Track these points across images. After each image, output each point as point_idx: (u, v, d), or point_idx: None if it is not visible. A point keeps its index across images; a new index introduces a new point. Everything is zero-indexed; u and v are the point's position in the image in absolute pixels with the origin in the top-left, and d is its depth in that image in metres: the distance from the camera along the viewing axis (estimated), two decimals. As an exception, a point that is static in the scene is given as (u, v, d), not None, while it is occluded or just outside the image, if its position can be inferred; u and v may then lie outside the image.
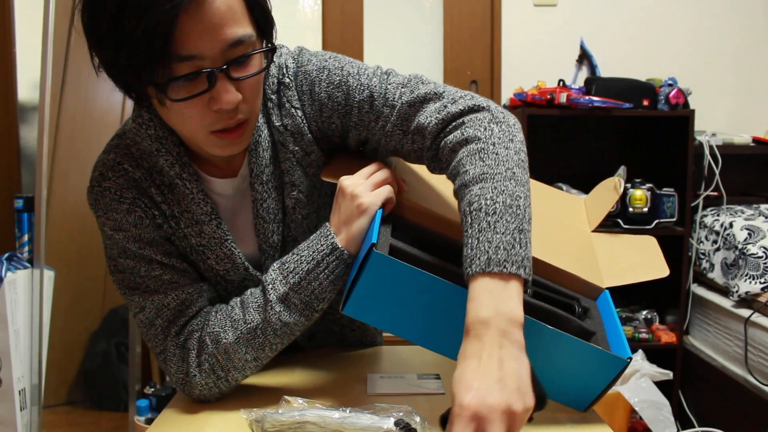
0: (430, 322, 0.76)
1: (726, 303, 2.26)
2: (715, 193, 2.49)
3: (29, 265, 1.94)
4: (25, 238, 2.00)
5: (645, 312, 2.53)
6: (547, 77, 2.63)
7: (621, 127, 2.69)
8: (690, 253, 2.44)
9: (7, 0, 2.47)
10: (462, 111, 0.82)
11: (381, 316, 0.77)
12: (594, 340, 0.81)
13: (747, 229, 2.26)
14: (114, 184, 0.85)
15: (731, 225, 2.32)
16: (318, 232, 0.84)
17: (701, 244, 2.45)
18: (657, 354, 2.35)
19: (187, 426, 0.83)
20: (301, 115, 0.87)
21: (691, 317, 2.48)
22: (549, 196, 1.15)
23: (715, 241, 2.37)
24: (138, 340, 2.06)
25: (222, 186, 0.90)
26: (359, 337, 1.13)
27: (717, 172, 2.46)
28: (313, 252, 0.82)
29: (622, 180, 1.12)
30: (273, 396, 0.83)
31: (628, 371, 2.14)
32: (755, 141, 2.56)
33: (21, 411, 1.89)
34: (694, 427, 2.35)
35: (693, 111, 2.38)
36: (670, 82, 2.47)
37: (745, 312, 2.12)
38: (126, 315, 2.43)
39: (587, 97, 2.34)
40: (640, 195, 2.32)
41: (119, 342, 2.54)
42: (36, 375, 1.92)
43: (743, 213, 2.37)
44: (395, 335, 0.78)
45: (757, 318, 2.06)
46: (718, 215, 2.43)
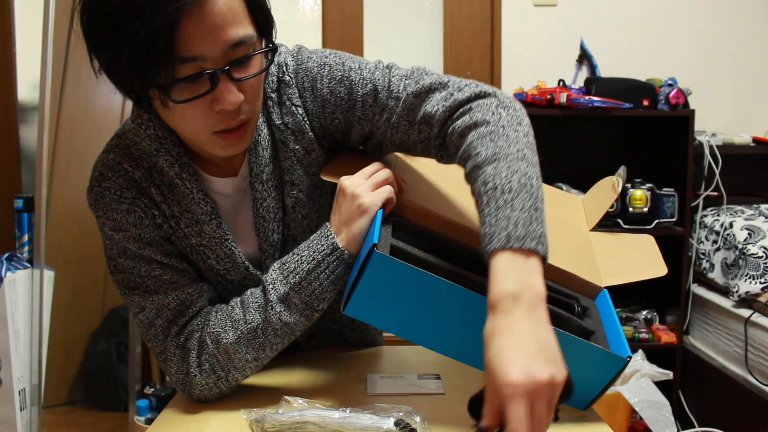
0: (430, 321, 0.76)
1: (726, 303, 2.26)
2: (715, 193, 2.48)
3: (29, 265, 1.94)
4: (25, 238, 2.00)
5: (645, 312, 2.53)
6: (547, 77, 2.63)
7: (621, 127, 2.69)
8: (690, 253, 2.44)
9: (7, 0, 2.47)
10: (469, 97, 0.83)
11: (382, 316, 0.77)
12: (593, 339, 0.81)
13: (747, 229, 2.26)
14: (114, 184, 0.85)
15: (731, 225, 2.32)
16: (318, 232, 0.84)
17: (701, 244, 2.45)
18: (657, 354, 2.34)
19: (187, 426, 0.83)
20: (302, 113, 0.87)
21: (691, 317, 2.47)
22: (547, 195, 1.14)
23: (715, 241, 2.37)
24: (138, 340, 2.06)
25: (222, 185, 0.90)
26: (359, 337, 1.13)
27: (717, 172, 2.46)
28: (314, 252, 0.82)
29: (620, 179, 1.12)
30: (273, 396, 0.83)
31: (628, 371, 2.14)
32: (755, 141, 2.55)
33: (21, 411, 1.89)
34: (694, 427, 2.35)
35: (693, 111, 2.38)
36: (670, 82, 2.47)
37: (745, 312, 2.12)
38: (126, 315, 2.43)
39: (587, 97, 2.34)
40: (640, 195, 2.32)
41: (119, 342, 2.54)
42: (36, 375, 1.92)
43: (743, 213, 2.37)
44: (396, 335, 0.78)
45: (757, 318, 2.06)
46: (718, 215, 2.43)
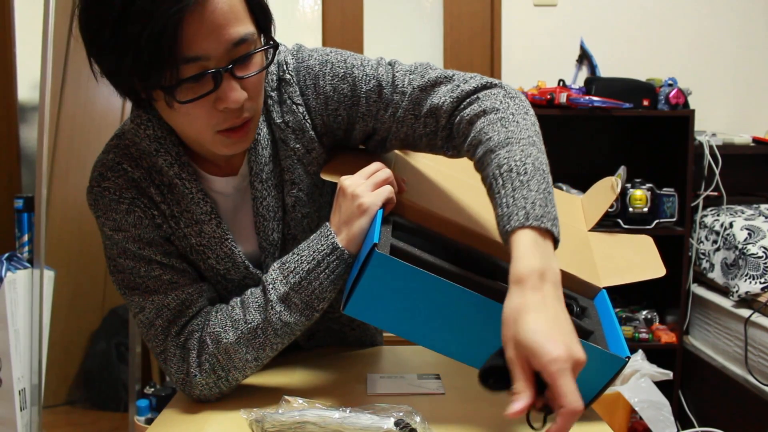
0: (430, 321, 0.76)
1: (726, 303, 2.26)
2: (715, 193, 2.48)
3: (29, 265, 1.94)
4: (25, 238, 2.00)
5: (645, 312, 2.53)
6: (547, 77, 2.63)
7: (621, 127, 2.69)
8: (690, 253, 2.44)
9: (7, 0, 2.47)
10: (476, 88, 0.84)
11: (382, 315, 0.77)
12: (592, 339, 0.81)
13: (747, 229, 2.26)
14: (113, 184, 0.85)
15: (731, 225, 2.32)
16: (318, 231, 0.84)
17: (701, 244, 2.45)
18: (657, 354, 2.34)
19: (187, 426, 0.83)
20: (303, 111, 0.87)
21: (691, 317, 2.47)
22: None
23: (715, 241, 2.37)
24: (138, 340, 2.06)
25: (222, 184, 0.90)
26: (359, 337, 1.13)
27: (717, 172, 2.46)
28: (314, 252, 0.82)
29: (619, 179, 1.12)
30: (273, 396, 0.83)
31: (627, 371, 2.14)
32: (755, 141, 2.55)
33: (21, 411, 1.89)
34: (694, 427, 2.35)
35: (693, 111, 2.38)
36: (670, 82, 2.47)
37: (745, 312, 2.12)
38: (126, 315, 2.43)
39: (587, 97, 2.34)
40: (640, 195, 2.32)
41: (119, 342, 2.54)
42: (36, 375, 1.92)
43: (743, 213, 2.37)
44: (396, 335, 0.78)
45: (757, 318, 2.06)
46: (718, 215, 2.43)
